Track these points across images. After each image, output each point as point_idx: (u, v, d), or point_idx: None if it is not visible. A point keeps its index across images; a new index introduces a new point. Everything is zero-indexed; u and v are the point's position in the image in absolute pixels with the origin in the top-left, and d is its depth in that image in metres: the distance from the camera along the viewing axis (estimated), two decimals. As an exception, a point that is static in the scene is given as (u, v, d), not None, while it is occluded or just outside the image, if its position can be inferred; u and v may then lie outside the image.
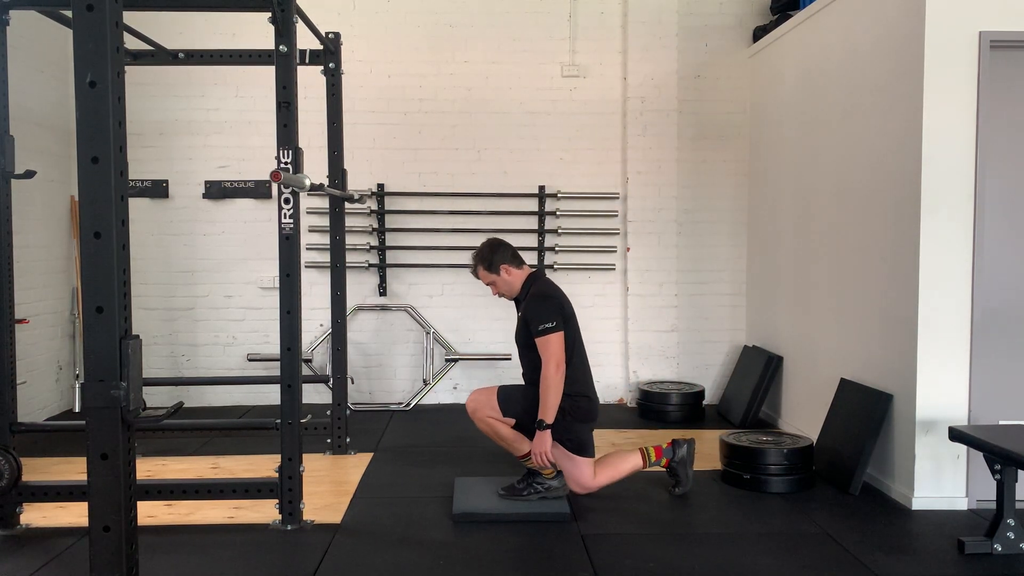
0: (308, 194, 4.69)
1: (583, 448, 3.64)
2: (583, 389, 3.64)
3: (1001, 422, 3.63)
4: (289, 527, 3.40)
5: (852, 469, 3.87)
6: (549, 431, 3.49)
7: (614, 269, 6.00)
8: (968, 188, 3.62)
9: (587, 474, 3.65)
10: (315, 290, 5.82)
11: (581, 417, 3.63)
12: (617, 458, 3.78)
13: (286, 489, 3.39)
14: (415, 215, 5.92)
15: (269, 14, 3.28)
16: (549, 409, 3.47)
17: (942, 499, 3.66)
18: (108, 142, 1.87)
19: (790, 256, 5.17)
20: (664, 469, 3.86)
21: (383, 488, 3.98)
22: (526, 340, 3.64)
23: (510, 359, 5.87)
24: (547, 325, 3.50)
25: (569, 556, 3.14)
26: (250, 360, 5.89)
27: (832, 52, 4.54)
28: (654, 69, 5.88)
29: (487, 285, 3.83)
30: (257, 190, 5.86)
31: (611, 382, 5.97)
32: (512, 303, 3.95)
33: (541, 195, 5.92)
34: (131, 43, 4.17)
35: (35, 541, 3.27)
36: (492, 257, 3.74)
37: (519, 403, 3.63)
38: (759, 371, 5.34)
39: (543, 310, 3.54)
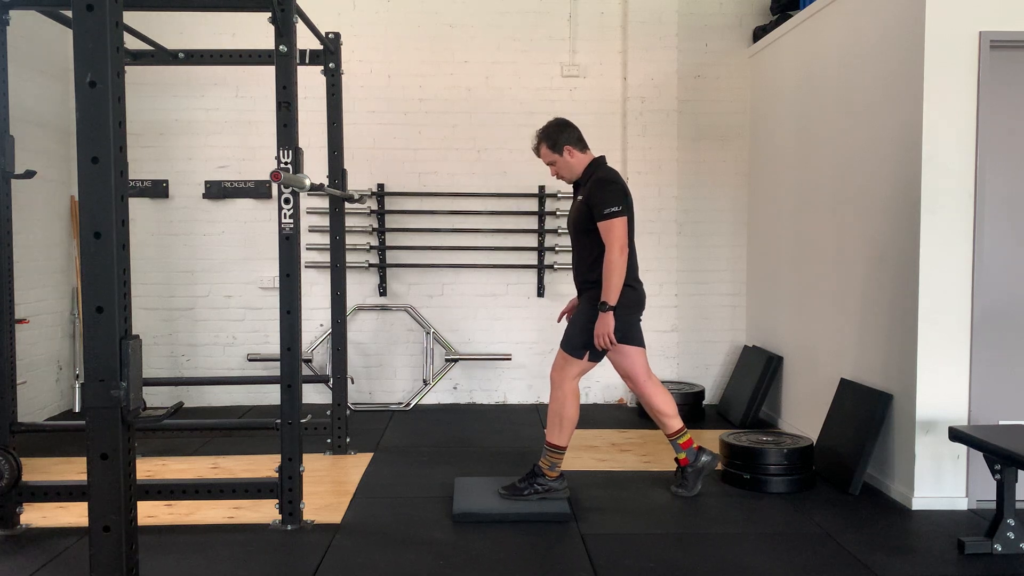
0: (308, 194, 4.69)
1: (631, 338, 3.69)
2: (629, 280, 3.63)
3: (1001, 422, 3.63)
4: (289, 527, 3.40)
5: (852, 469, 3.87)
6: (612, 313, 3.51)
7: (614, 269, 5.99)
8: (968, 188, 3.62)
9: (640, 365, 3.74)
10: (315, 290, 5.82)
11: (628, 304, 3.62)
12: (670, 400, 3.84)
13: (286, 489, 3.39)
14: (415, 215, 5.92)
15: (269, 14, 3.28)
16: (613, 291, 3.50)
17: (942, 499, 3.66)
18: (108, 142, 1.87)
19: (790, 256, 5.17)
20: (677, 463, 3.86)
21: (383, 488, 3.98)
22: (585, 226, 3.62)
23: (510, 359, 5.88)
24: (613, 209, 3.50)
25: (569, 556, 3.14)
26: (250, 360, 5.89)
27: (832, 52, 4.54)
28: (654, 69, 5.88)
29: (547, 164, 3.79)
30: (257, 190, 5.86)
31: (611, 382, 5.97)
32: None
33: (541, 195, 5.92)
34: (131, 43, 4.17)
35: (35, 541, 3.27)
36: (557, 136, 3.71)
37: (578, 332, 3.64)
38: (759, 371, 5.34)
39: (609, 194, 3.54)
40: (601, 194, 3.54)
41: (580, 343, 3.63)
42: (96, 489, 1.94)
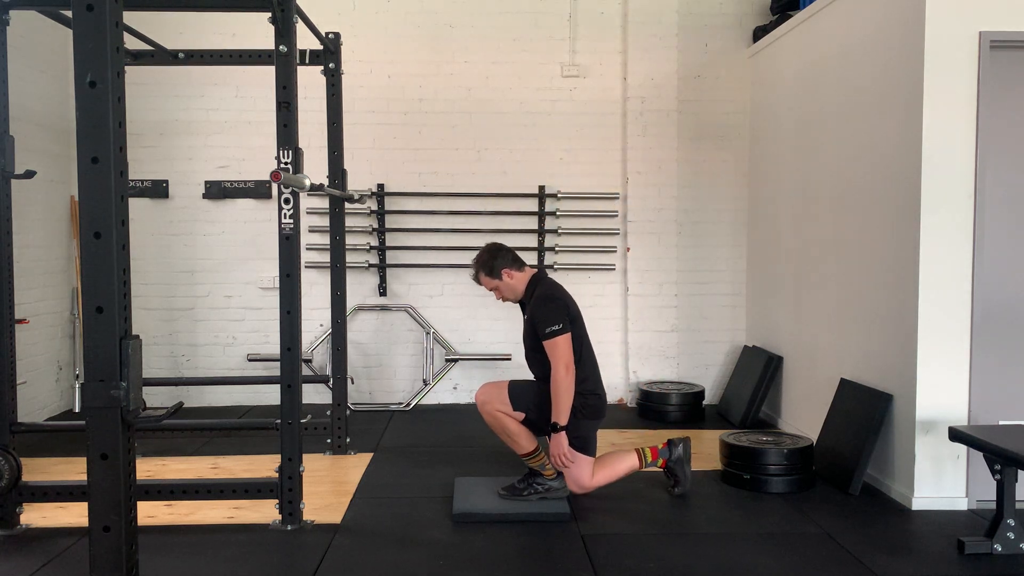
0: (308, 194, 4.69)
1: (586, 447, 3.65)
2: (592, 387, 3.65)
3: (1001, 422, 3.63)
4: (289, 527, 3.40)
5: (852, 469, 3.87)
6: (564, 433, 3.51)
7: (614, 269, 6.00)
8: (968, 188, 3.62)
9: (587, 473, 3.66)
10: (315, 290, 5.82)
11: (590, 414, 3.64)
12: (614, 459, 3.79)
13: (286, 489, 3.39)
14: (415, 215, 5.92)
15: (269, 14, 3.28)
16: (562, 412, 3.49)
17: (942, 499, 3.66)
18: (108, 142, 1.87)
19: (790, 256, 5.17)
20: (661, 469, 3.86)
21: (383, 488, 3.98)
22: (533, 343, 3.63)
23: (510, 359, 5.88)
24: (554, 328, 3.49)
25: (569, 556, 3.14)
26: (250, 360, 5.89)
27: (832, 52, 4.54)
28: (654, 69, 5.88)
29: (490, 291, 3.81)
30: (257, 190, 5.86)
31: (611, 382, 5.96)
32: (516, 306, 3.94)
33: (541, 195, 5.92)
34: (131, 43, 4.17)
35: (35, 541, 3.27)
36: (492, 263, 3.73)
37: (530, 398, 3.64)
38: (759, 371, 5.34)
39: (549, 312, 3.53)
40: (542, 313, 3.54)
41: (524, 406, 3.62)
42: (96, 489, 1.93)
